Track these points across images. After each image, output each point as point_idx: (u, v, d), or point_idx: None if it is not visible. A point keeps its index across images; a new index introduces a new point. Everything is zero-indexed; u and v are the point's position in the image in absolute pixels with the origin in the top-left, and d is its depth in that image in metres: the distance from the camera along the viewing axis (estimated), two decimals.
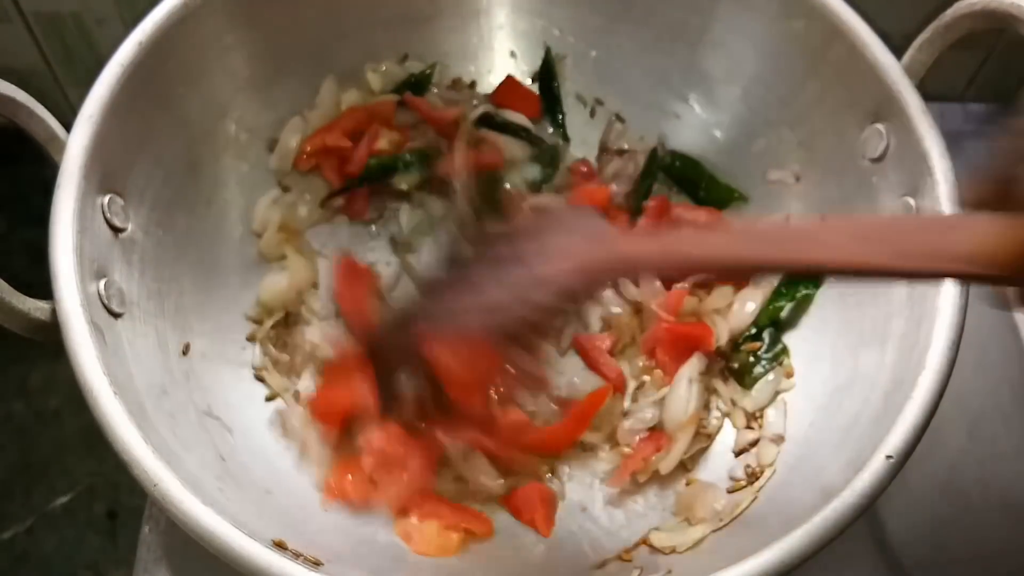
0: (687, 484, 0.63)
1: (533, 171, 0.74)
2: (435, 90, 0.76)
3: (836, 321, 0.63)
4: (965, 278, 0.39)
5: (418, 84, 0.75)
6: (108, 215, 0.55)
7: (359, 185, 0.72)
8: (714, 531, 0.58)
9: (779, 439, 0.62)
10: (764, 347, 0.66)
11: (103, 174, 0.55)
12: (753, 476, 0.61)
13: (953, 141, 0.57)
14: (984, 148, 0.38)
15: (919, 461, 0.49)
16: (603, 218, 0.54)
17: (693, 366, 0.65)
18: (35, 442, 0.87)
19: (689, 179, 0.74)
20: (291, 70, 0.70)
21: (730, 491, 0.61)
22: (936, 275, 0.43)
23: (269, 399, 0.65)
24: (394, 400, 0.57)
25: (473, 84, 0.77)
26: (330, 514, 0.59)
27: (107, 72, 0.56)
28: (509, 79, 0.77)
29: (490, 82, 0.78)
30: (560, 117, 0.77)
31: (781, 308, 0.67)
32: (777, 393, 0.65)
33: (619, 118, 0.77)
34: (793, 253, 0.41)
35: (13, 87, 0.53)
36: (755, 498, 0.59)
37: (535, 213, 0.66)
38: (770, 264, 0.45)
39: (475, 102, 0.76)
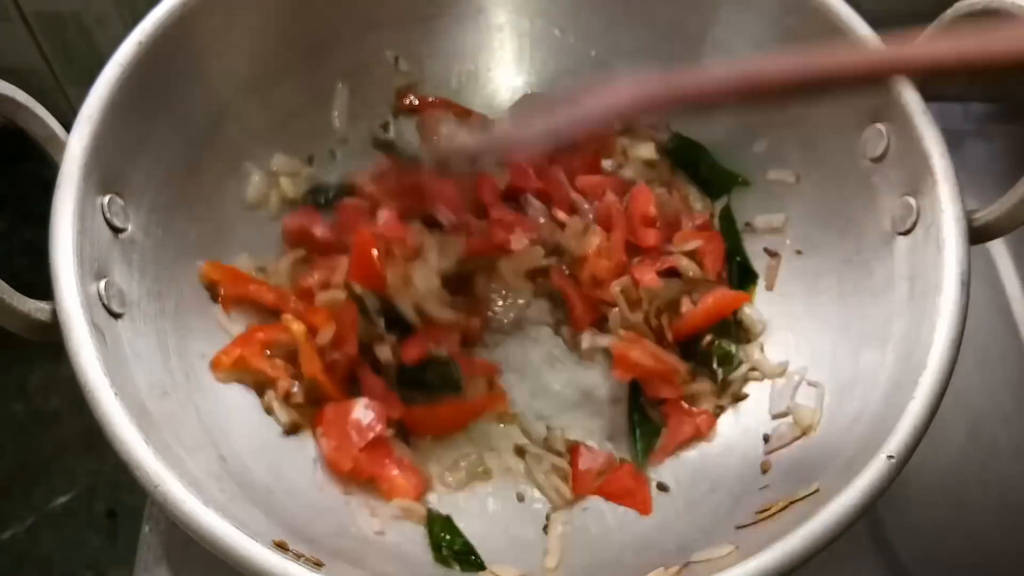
0: None
1: None
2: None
3: (837, 321, 0.63)
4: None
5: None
6: (108, 215, 0.55)
7: None
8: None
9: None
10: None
11: (103, 174, 0.55)
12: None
13: (953, 141, 0.57)
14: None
15: (919, 461, 0.49)
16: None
17: None
18: (35, 442, 0.87)
19: (691, 162, 0.75)
20: (291, 70, 0.70)
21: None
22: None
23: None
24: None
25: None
26: (331, 515, 0.59)
27: (107, 72, 0.56)
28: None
29: (490, 81, 0.78)
30: None
31: None
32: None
33: None
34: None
35: (13, 87, 0.52)
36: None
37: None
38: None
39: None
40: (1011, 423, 0.73)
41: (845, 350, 0.61)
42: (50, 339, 0.50)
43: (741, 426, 0.66)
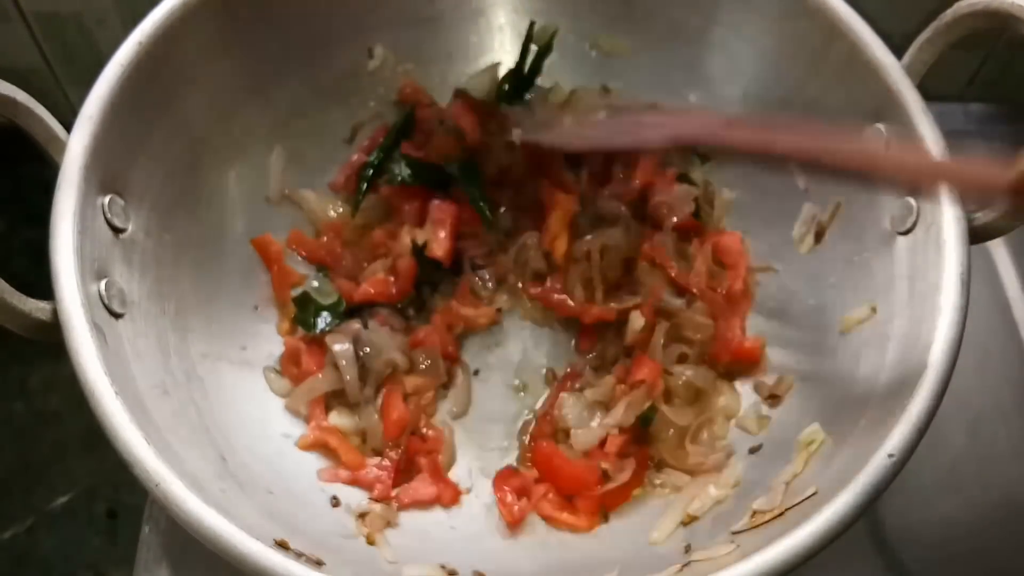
0: None
1: None
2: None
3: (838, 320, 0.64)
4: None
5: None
6: (108, 215, 0.55)
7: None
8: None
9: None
10: None
11: (103, 174, 0.55)
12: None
13: (953, 141, 0.57)
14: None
15: (919, 460, 0.49)
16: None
17: None
18: (35, 442, 0.87)
19: None
20: (291, 70, 0.70)
21: None
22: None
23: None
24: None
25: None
26: (332, 514, 0.59)
27: (107, 72, 0.56)
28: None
29: None
30: None
31: None
32: None
33: None
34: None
35: (13, 87, 0.53)
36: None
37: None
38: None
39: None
40: (1011, 423, 0.73)
41: (846, 349, 0.61)
42: (50, 339, 0.50)
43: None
